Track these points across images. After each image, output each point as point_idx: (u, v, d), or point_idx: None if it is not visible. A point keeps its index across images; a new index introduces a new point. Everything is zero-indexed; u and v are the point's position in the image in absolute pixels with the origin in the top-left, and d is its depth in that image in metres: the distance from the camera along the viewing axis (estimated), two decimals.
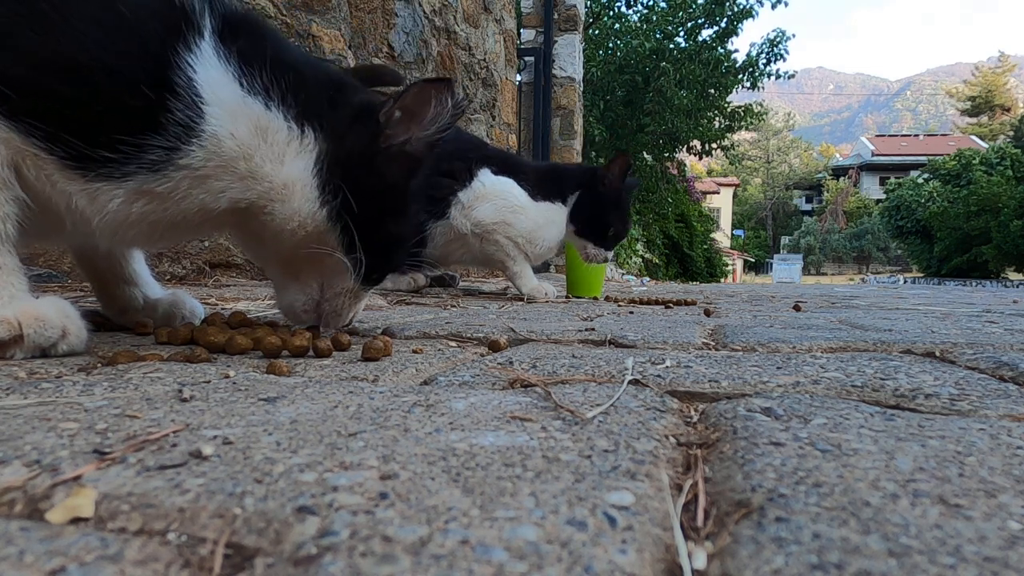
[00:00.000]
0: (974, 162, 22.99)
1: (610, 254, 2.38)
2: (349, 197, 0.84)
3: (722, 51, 10.45)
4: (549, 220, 2.22)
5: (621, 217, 2.30)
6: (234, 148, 0.78)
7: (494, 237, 2.14)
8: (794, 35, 10.62)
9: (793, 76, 11.31)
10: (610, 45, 10.22)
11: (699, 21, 10.50)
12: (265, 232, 0.87)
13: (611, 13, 10.63)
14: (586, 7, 7.71)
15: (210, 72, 0.76)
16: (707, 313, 1.66)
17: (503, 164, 2.21)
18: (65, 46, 0.69)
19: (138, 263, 1.04)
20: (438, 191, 2.15)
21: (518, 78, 5.59)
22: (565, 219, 2.26)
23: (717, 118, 11.09)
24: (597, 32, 10.19)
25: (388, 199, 0.90)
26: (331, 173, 0.84)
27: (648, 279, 7.38)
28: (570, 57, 6.07)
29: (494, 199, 2.13)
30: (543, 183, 2.25)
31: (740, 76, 10.71)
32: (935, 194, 22.89)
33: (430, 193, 2.15)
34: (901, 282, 18.76)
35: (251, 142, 0.79)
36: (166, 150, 0.74)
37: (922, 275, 22.34)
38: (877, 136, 51.53)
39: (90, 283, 1.09)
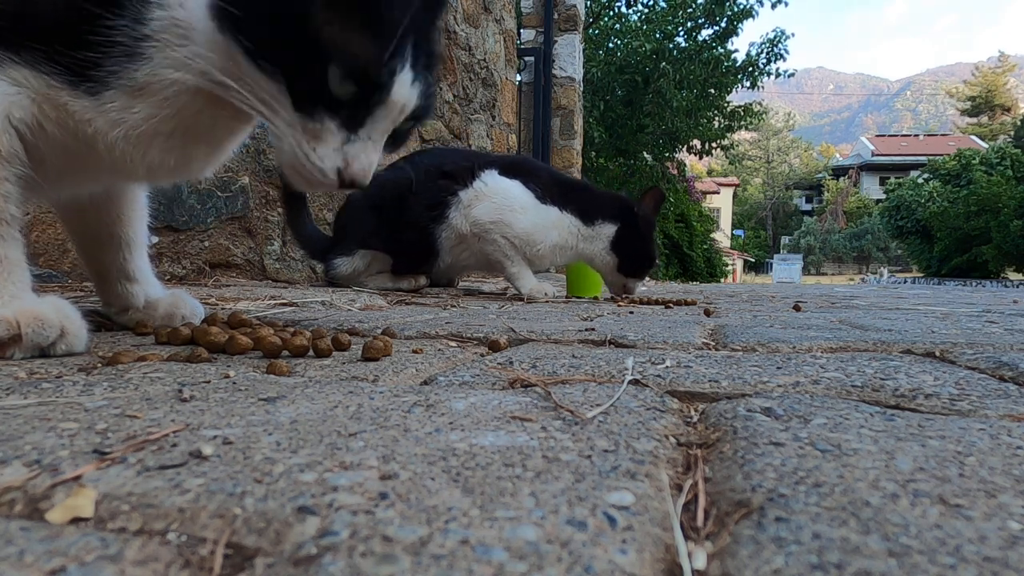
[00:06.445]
0: (974, 162, 22.95)
1: (642, 283, 2.41)
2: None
3: (722, 51, 10.45)
4: (551, 224, 2.17)
5: (654, 246, 2.31)
6: (183, 14, 0.74)
7: (491, 236, 2.12)
8: (794, 34, 10.62)
9: (793, 76, 11.32)
10: (610, 45, 10.22)
11: (699, 21, 10.50)
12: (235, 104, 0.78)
13: (611, 13, 10.64)
14: (586, 7, 7.71)
15: None
16: (707, 313, 1.66)
17: (510, 167, 2.20)
18: None
19: (142, 259, 1.04)
20: (436, 194, 2.14)
21: (518, 78, 5.58)
22: (567, 228, 2.20)
23: (717, 118, 11.09)
24: (597, 32, 10.19)
25: None
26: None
27: (648, 279, 7.37)
28: (570, 57, 6.06)
29: (493, 198, 2.12)
30: (558, 191, 2.21)
31: (740, 76, 10.70)
32: (935, 194, 22.84)
33: (428, 200, 2.14)
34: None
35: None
36: (134, 22, 0.72)
37: (922, 275, 22.29)
38: (877, 136, 51.50)
39: (92, 278, 1.09)
